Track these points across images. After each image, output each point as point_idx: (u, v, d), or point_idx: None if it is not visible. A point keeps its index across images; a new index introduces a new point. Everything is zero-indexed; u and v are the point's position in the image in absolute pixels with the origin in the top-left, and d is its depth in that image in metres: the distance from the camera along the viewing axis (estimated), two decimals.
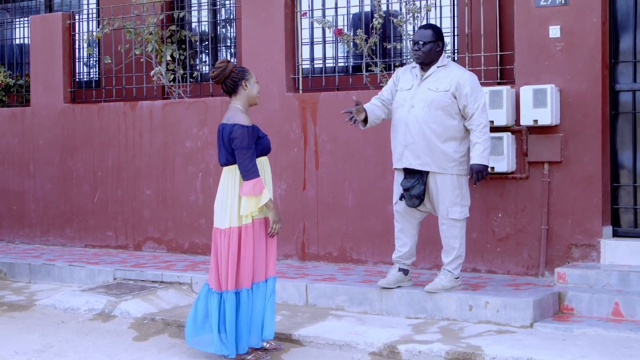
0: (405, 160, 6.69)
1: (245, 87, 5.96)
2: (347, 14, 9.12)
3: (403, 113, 6.72)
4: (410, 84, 6.77)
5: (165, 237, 9.35)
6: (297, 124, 8.50)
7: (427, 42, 6.68)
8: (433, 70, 6.73)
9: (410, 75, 6.84)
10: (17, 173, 10.40)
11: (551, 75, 7.30)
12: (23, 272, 8.82)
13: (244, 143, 5.76)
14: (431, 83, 6.69)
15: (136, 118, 9.54)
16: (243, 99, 5.97)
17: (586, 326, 6.19)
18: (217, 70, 5.92)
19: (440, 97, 6.62)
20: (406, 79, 6.83)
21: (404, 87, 6.80)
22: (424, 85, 6.71)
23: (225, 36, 10.50)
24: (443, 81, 6.66)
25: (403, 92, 6.78)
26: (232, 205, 5.86)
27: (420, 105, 6.65)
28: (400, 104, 6.76)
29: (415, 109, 6.66)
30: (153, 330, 6.87)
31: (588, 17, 7.19)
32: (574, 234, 7.26)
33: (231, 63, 5.94)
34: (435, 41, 6.71)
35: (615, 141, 7.33)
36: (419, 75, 6.77)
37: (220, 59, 6.02)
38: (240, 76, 5.93)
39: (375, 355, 6.01)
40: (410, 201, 6.71)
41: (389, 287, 6.85)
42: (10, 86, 11.11)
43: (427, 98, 6.64)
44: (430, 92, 6.66)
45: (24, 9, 11.81)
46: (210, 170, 9.03)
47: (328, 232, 8.36)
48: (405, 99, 6.74)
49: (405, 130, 6.68)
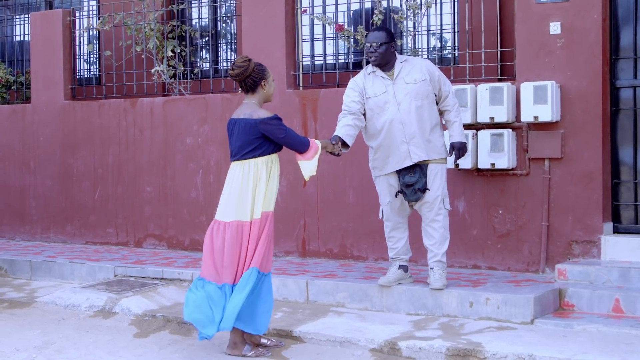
0: (414, 156, 6.68)
1: (264, 87, 6.08)
2: (347, 10, 9.11)
3: (391, 114, 6.67)
4: (383, 86, 6.73)
5: (166, 233, 9.36)
6: (297, 120, 8.49)
7: (382, 44, 6.69)
8: (398, 66, 6.77)
9: (376, 79, 6.78)
10: (17, 170, 10.40)
11: (552, 72, 7.30)
12: (24, 269, 8.83)
13: (282, 130, 5.95)
14: (406, 77, 6.72)
15: (137, 115, 9.54)
16: (260, 96, 6.09)
17: (587, 322, 6.19)
18: (238, 69, 5.98)
19: (421, 87, 6.70)
20: (375, 84, 6.76)
21: (378, 91, 6.73)
22: (399, 82, 6.72)
23: (226, 33, 10.49)
24: (415, 72, 6.73)
25: (379, 96, 6.72)
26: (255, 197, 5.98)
27: (407, 100, 6.66)
28: (382, 108, 6.71)
29: (403, 105, 6.66)
30: (154, 327, 6.87)
31: (588, 14, 7.19)
32: (574, 231, 7.26)
33: (252, 61, 6.01)
34: (390, 42, 6.73)
35: (615, 137, 7.32)
36: (386, 76, 6.76)
37: (241, 57, 6.06)
38: (261, 76, 6.03)
39: (375, 351, 6.01)
40: (415, 195, 6.73)
41: (390, 285, 6.86)
42: (10, 83, 11.11)
43: (411, 92, 6.67)
44: (410, 85, 6.69)
45: (24, 5, 11.81)
46: (210, 167, 9.03)
47: (329, 229, 8.36)
48: (386, 101, 6.70)
49: (401, 127, 6.66)
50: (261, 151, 5.98)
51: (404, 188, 6.74)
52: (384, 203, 6.89)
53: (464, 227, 7.63)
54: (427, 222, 6.81)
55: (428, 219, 6.79)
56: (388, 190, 6.84)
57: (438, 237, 6.78)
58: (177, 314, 6.98)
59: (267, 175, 6.00)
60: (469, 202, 7.65)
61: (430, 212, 6.76)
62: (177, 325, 6.81)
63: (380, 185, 6.90)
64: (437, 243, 6.80)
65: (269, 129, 5.93)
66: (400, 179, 6.76)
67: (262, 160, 5.99)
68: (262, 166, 5.99)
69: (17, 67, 11.43)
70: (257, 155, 5.98)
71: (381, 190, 6.89)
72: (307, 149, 6.07)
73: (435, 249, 6.80)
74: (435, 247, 6.80)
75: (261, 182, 5.98)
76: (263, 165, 5.99)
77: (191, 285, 6.07)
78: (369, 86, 6.77)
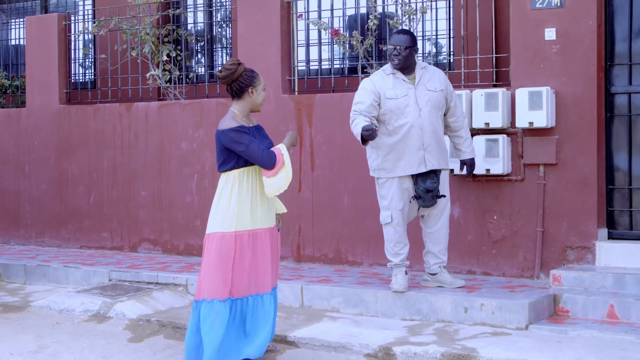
0: (428, 163, 6.73)
1: (251, 94, 5.75)
2: (342, 15, 9.12)
3: (412, 118, 6.69)
4: (404, 89, 6.74)
5: (161, 238, 9.35)
6: (292, 125, 8.50)
7: (407, 47, 6.73)
8: (419, 72, 6.82)
9: (397, 81, 6.77)
10: (12, 174, 10.38)
11: (547, 78, 7.31)
12: (18, 273, 8.81)
13: (242, 144, 5.60)
14: (427, 84, 6.77)
15: (132, 119, 9.54)
16: (245, 104, 5.77)
17: (581, 328, 6.20)
18: (225, 71, 5.69)
19: (439, 96, 6.79)
20: (396, 86, 6.74)
21: (399, 94, 6.72)
22: (421, 87, 6.75)
23: (222, 37, 10.50)
24: (435, 81, 6.82)
25: (400, 99, 6.71)
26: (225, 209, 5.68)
27: (427, 107, 6.72)
28: (402, 111, 6.70)
29: (424, 112, 6.71)
30: (148, 332, 6.86)
31: (584, 20, 7.20)
32: (569, 236, 7.27)
33: (242, 65, 5.71)
34: (413, 46, 6.78)
35: (610, 143, 7.34)
36: (407, 80, 6.77)
37: (231, 59, 5.76)
38: (249, 82, 5.71)
39: (370, 357, 6.01)
40: (432, 201, 6.79)
41: (405, 291, 6.81)
42: (5, 87, 11.10)
43: (431, 99, 6.75)
44: (430, 92, 6.75)
45: (19, 9, 11.80)
46: (205, 171, 9.02)
47: (323, 234, 8.36)
48: (407, 105, 6.71)
49: (421, 134, 6.70)
50: (231, 165, 5.69)
51: (422, 193, 6.75)
52: (397, 208, 6.80)
53: (459, 233, 7.63)
54: (436, 228, 6.88)
55: (437, 225, 6.88)
56: (402, 194, 6.79)
57: (445, 243, 6.92)
58: (171, 318, 6.98)
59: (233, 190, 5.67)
60: (464, 207, 7.66)
61: (440, 218, 6.86)
62: (171, 330, 6.80)
63: (391, 188, 6.79)
64: (443, 249, 6.93)
65: (228, 141, 5.62)
66: (419, 183, 6.75)
67: (234, 174, 5.70)
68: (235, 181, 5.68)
69: (12, 71, 11.41)
70: (227, 170, 5.71)
71: (393, 194, 6.78)
72: (271, 166, 5.63)
73: (442, 255, 6.93)
74: (442, 253, 6.93)
75: (222, 198, 5.70)
76: (236, 180, 5.68)
77: None
78: (389, 87, 6.74)
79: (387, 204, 6.84)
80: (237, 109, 5.77)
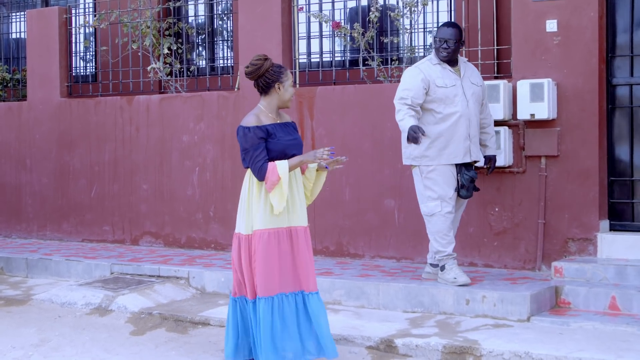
0: (473, 154, 6.82)
1: (278, 90, 5.57)
2: (343, 7, 9.11)
3: (460, 108, 6.73)
4: (453, 79, 6.79)
5: (162, 231, 9.35)
6: (294, 118, 8.48)
7: (457, 41, 6.79)
8: (463, 65, 6.91)
9: (444, 71, 6.80)
10: (13, 167, 10.38)
11: (548, 70, 7.30)
12: (20, 267, 8.82)
13: (243, 144, 5.49)
14: (471, 78, 6.89)
15: (133, 112, 9.53)
16: (271, 100, 5.61)
17: (583, 320, 6.20)
18: (251, 66, 5.53)
19: (480, 91, 6.95)
20: (445, 76, 6.78)
21: (448, 83, 6.75)
22: (466, 80, 6.85)
23: (222, 30, 10.49)
24: (476, 76, 6.97)
25: (449, 88, 6.74)
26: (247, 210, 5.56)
27: (473, 100, 6.82)
28: (452, 100, 6.73)
29: (470, 103, 6.79)
30: (150, 325, 6.87)
31: (585, 11, 7.19)
32: (570, 228, 7.26)
33: (269, 61, 5.54)
34: (461, 40, 6.88)
35: (612, 135, 7.33)
36: (453, 71, 6.83)
37: (257, 54, 5.59)
38: (275, 78, 5.55)
39: (372, 349, 6.02)
40: (471, 192, 6.89)
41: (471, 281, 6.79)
42: (6, 80, 11.09)
43: (475, 92, 6.87)
44: (474, 86, 6.88)
45: (20, 3, 11.79)
46: (207, 164, 9.02)
47: (325, 227, 8.36)
48: (456, 94, 6.75)
49: (468, 124, 6.76)
50: None
51: (467, 183, 6.78)
52: (449, 195, 6.76)
53: (461, 225, 7.61)
54: (457, 218, 7.07)
55: (458, 216, 7.06)
56: (452, 181, 6.79)
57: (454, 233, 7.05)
58: (173, 311, 6.98)
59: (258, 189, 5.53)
60: None
61: (460, 208, 7.03)
62: (173, 323, 6.81)
63: (442, 175, 6.74)
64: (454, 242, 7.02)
65: (238, 137, 5.52)
66: (464, 173, 6.78)
67: None
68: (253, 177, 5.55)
69: (13, 65, 11.41)
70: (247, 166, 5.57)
71: (445, 181, 6.73)
72: (260, 179, 5.45)
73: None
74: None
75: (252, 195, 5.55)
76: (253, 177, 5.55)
77: None
78: (438, 76, 6.77)
79: (436, 192, 6.74)
80: (263, 105, 5.63)
